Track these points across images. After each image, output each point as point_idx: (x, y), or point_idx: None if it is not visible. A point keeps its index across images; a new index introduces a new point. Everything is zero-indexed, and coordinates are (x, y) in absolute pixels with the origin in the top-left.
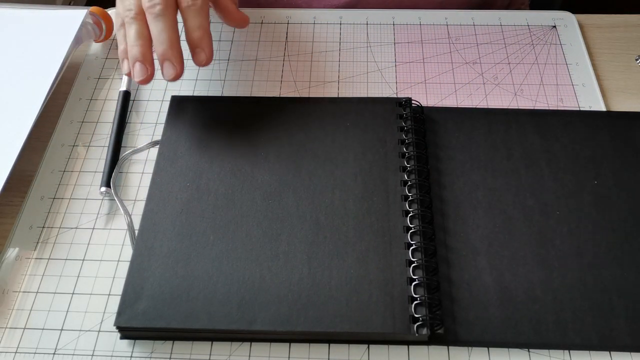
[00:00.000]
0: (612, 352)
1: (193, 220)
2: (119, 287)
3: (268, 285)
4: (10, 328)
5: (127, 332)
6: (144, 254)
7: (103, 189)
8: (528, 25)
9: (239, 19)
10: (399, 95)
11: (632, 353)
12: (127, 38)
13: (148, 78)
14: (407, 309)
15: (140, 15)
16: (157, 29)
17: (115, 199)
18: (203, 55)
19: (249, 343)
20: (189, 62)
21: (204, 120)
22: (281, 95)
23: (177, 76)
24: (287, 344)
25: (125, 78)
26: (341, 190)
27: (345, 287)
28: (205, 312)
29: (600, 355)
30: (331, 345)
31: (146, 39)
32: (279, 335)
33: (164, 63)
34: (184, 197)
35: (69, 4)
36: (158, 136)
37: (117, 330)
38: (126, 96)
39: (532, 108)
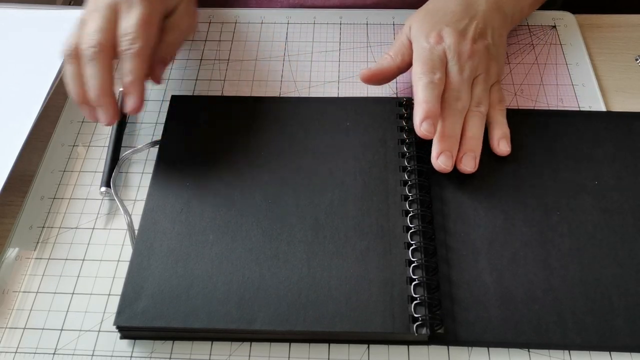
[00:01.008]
0: (612, 352)
1: (193, 220)
2: (119, 287)
3: (268, 285)
4: (10, 328)
5: (127, 331)
6: (143, 254)
7: (103, 189)
8: (528, 25)
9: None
10: (399, 95)
11: (632, 353)
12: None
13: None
14: (406, 309)
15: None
16: (89, 74)
17: (115, 199)
18: (131, 101)
19: (249, 343)
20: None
21: (204, 120)
22: (281, 95)
23: (110, 123)
24: (287, 344)
25: None
26: (341, 190)
27: (344, 286)
28: (205, 311)
29: (600, 355)
30: (331, 345)
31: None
32: (278, 335)
33: (97, 109)
34: (184, 197)
35: (69, 4)
36: (158, 136)
37: (117, 330)
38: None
39: (532, 108)
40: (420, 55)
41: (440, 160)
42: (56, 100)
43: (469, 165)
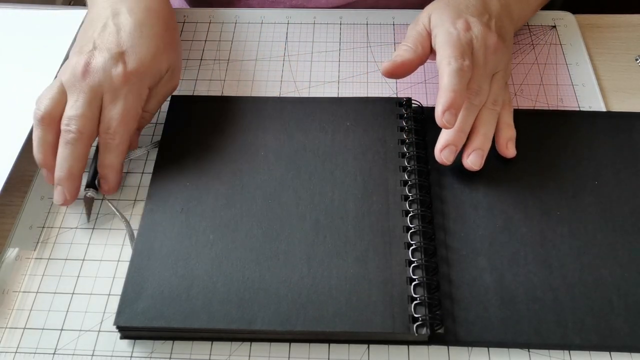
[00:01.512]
0: (612, 352)
1: (193, 220)
2: (119, 287)
3: (268, 285)
4: (10, 328)
5: (127, 331)
6: (143, 254)
7: (86, 190)
8: (528, 25)
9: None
10: (399, 95)
11: (632, 353)
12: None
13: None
14: (406, 309)
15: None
16: (62, 155)
17: (110, 204)
18: (106, 187)
19: (249, 343)
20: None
21: (204, 120)
22: (281, 95)
23: (65, 204)
24: (287, 344)
25: None
26: (341, 190)
27: (345, 286)
28: (205, 311)
29: (600, 355)
30: (331, 345)
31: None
32: (278, 335)
33: (57, 187)
34: (184, 197)
35: (69, 4)
36: (158, 136)
37: (117, 330)
38: None
39: (532, 108)
40: (449, 39)
41: (443, 154)
42: None
43: (476, 163)
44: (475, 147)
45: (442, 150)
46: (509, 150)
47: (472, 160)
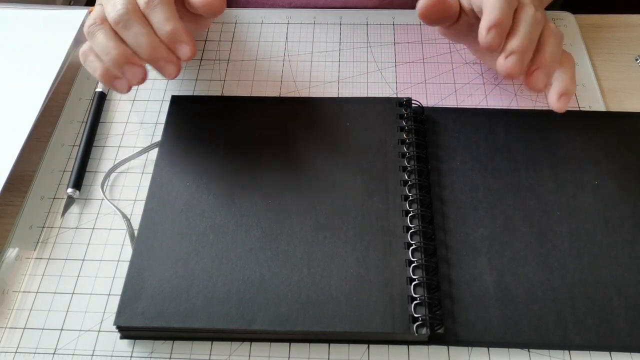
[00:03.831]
0: (612, 352)
1: (193, 220)
2: (119, 287)
3: (268, 285)
4: (10, 328)
5: (127, 331)
6: (143, 254)
7: (70, 190)
8: None
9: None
10: (399, 95)
11: (632, 353)
12: (128, 38)
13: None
14: (406, 309)
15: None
16: (156, 20)
17: (111, 204)
18: (185, 47)
19: (249, 343)
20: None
21: (204, 120)
22: (281, 95)
23: (193, 54)
24: (287, 344)
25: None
26: (341, 190)
27: (345, 286)
28: (205, 311)
29: (600, 355)
30: (331, 345)
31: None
32: (278, 335)
33: (177, 45)
34: (184, 197)
35: (69, 4)
36: (158, 136)
37: (117, 330)
38: (101, 97)
39: (532, 108)
40: None
41: (490, 35)
42: (56, 100)
43: (540, 82)
44: (538, 64)
45: (490, 30)
46: (559, 104)
47: (536, 79)
